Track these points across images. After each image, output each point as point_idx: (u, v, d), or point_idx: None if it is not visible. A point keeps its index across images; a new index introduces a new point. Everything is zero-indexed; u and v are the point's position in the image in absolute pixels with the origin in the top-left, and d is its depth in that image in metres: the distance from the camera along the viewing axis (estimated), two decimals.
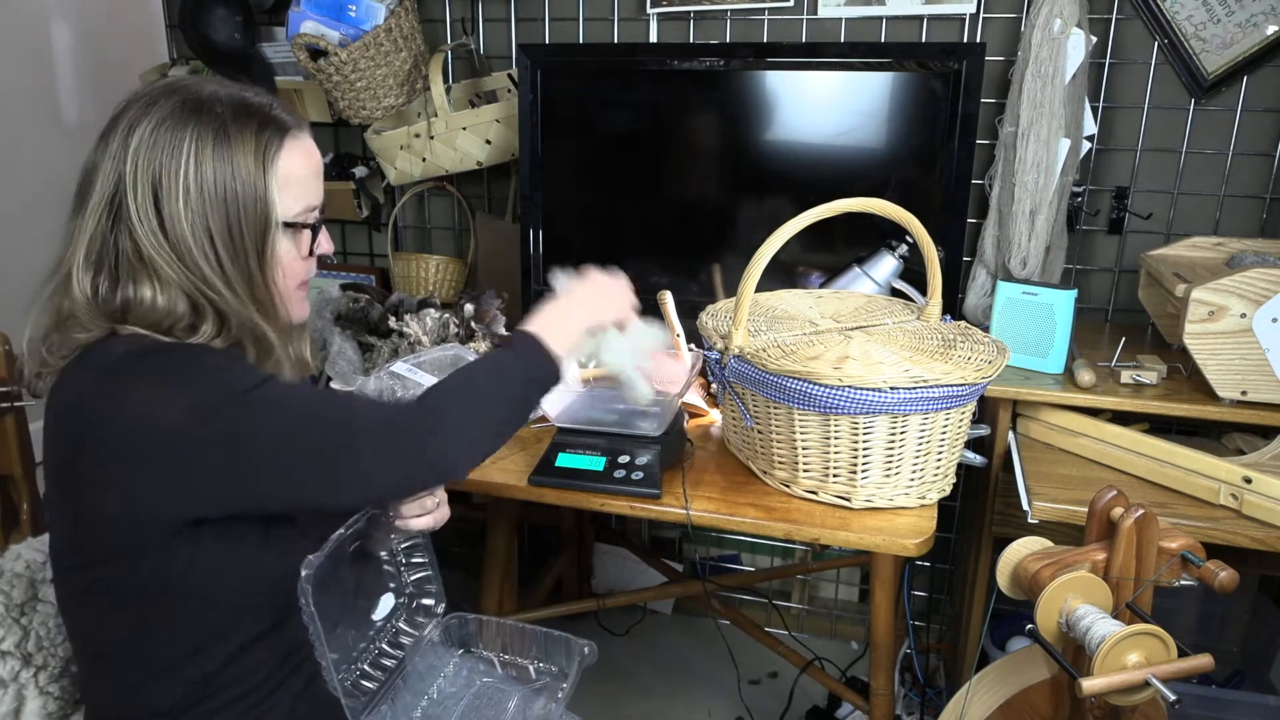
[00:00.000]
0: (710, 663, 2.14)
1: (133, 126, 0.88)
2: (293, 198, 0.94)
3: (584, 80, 1.83)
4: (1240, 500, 1.29)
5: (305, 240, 0.97)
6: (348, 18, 1.88)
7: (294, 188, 0.94)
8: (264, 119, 0.92)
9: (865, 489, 1.23)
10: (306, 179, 0.96)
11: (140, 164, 0.87)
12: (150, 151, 0.87)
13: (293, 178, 0.94)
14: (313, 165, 0.97)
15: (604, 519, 2.29)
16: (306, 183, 0.96)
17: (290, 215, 0.94)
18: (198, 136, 0.88)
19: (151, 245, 0.87)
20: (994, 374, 1.19)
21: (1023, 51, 1.67)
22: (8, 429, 1.47)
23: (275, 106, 0.95)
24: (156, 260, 0.88)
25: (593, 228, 1.90)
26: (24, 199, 2.07)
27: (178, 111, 0.88)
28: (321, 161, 1.00)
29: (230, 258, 0.90)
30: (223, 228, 0.89)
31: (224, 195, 0.89)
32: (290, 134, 0.94)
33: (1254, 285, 1.34)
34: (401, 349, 1.65)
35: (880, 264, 1.68)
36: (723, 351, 1.29)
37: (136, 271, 0.88)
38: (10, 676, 1.02)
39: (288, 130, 0.94)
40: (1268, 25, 1.67)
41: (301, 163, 0.95)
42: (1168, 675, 0.92)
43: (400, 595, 1.11)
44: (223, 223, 0.89)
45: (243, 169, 0.89)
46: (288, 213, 0.94)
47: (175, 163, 0.87)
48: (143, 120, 0.88)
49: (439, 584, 1.13)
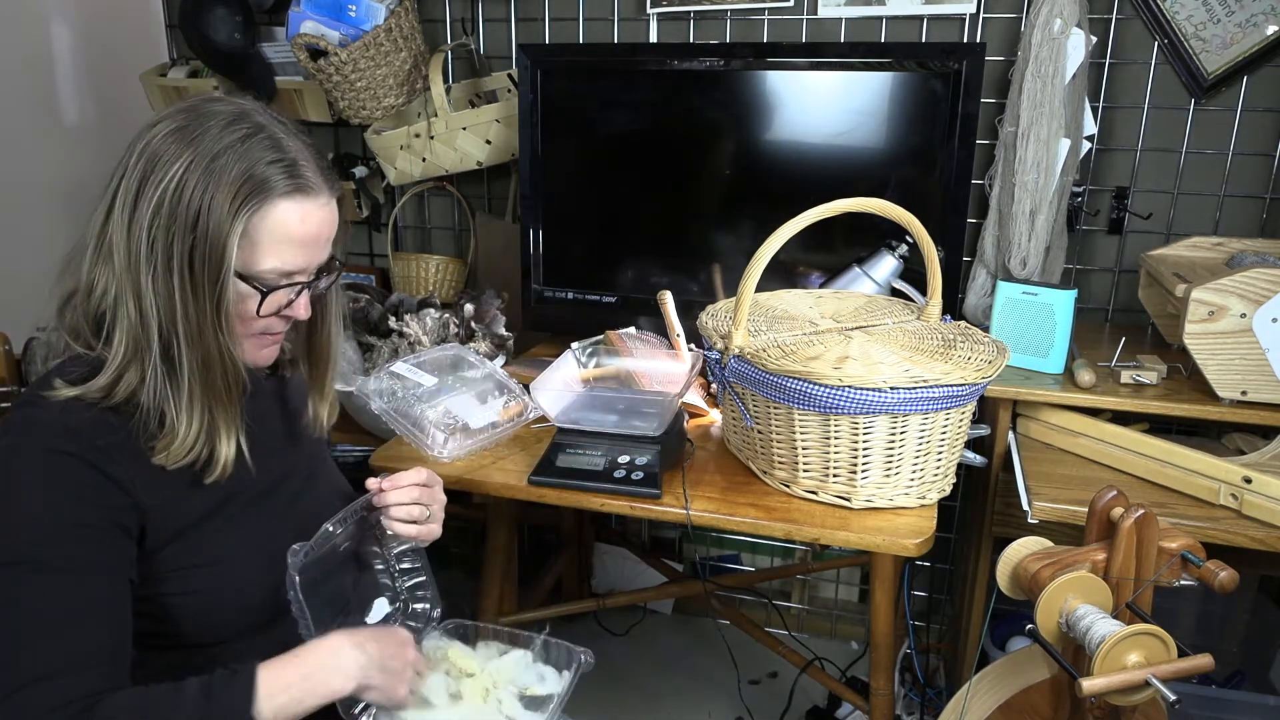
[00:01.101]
0: (710, 663, 2.14)
1: (154, 125, 0.90)
2: (264, 255, 0.90)
3: (584, 80, 1.83)
4: (1240, 500, 1.29)
5: (273, 301, 0.93)
6: (348, 18, 1.88)
7: (270, 246, 0.90)
8: (282, 167, 0.89)
9: (865, 489, 1.23)
10: (291, 243, 0.91)
11: (143, 158, 0.88)
12: (158, 146, 0.88)
13: (276, 236, 0.90)
14: (307, 232, 0.92)
15: (604, 519, 2.29)
16: (289, 247, 0.91)
17: (251, 270, 0.90)
18: (194, 157, 0.87)
19: (120, 235, 0.88)
20: (994, 374, 1.19)
21: (1023, 51, 1.67)
22: None
23: (303, 165, 0.91)
24: (117, 241, 0.88)
25: (593, 227, 1.90)
26: (23, 199, 2.07)
27: (207, 129, 0.88)
28: (330, 233, 0.96)
29: (180, 281, 0.87)
30: (182, 247, 0.87)
31: (190, 222, 0.87)
32: (299, 195, 0.90)
33: (1254, 285, 1.34)
34: (401, 349, 1.65)
35: (880, 264, 1.68)
36: (723, 351, 1.29)
37: (100, 258, 0.90)
38: None
39: (298, 190, 0.90)
40: (1268, 25, 1.67)
41: (294, 225, 0.91)
42: (1168, 675, 0.92)
43: (395, 601, 1.11)
44: (183, 243, 0.87)
45: (219, 206, 0.87)
46: (248, 267, 0.90)
47: (162, 171, 0.87)
48: (160, 125, 0.89)
49: (433, 589, 1.13)
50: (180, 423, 0.90)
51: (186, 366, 0.89)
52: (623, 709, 1.99)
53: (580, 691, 1.10)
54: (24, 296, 0.93)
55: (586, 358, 1.50)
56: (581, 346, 1.50)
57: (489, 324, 1.79)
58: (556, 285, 1.92)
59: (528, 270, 1.92)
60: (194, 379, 0.90)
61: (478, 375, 1.49)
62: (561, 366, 1.44)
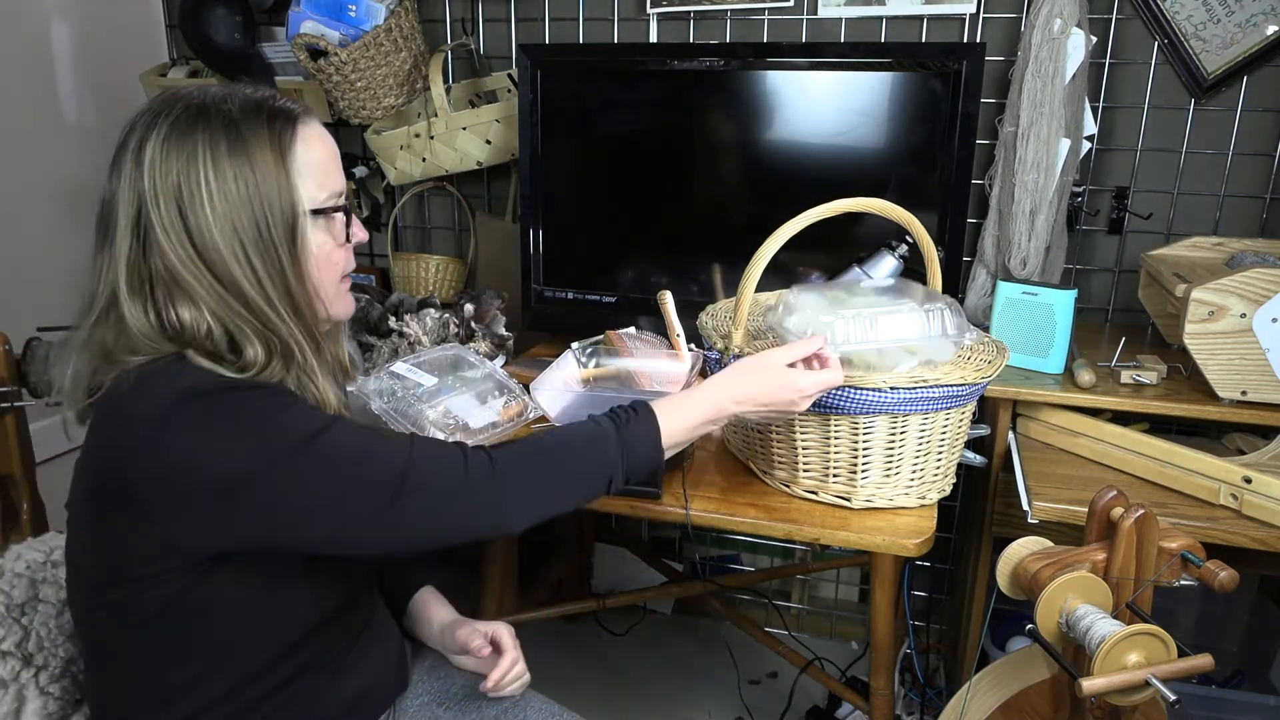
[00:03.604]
0: (710, 663, 2.14)
1: (142, 144, 0.86)
2: (316, 185, 0.92)
3: (584, 80, 1.83)
4: (1240, 500, 1.29)
5: (339, 225, 0.95)
6: (348, 18, 1.88)
7: (315, 174, 0.92)
8: (272, 111, 0.90)
9: (865, 489, 1.23)
10: (326, 164, 0.94)
11: (158, 179, 0.85)
12: (165, 164, 0.85)
13: (312, 164, 0.92)
14: (329, 151, 0.95)
15: (604, 519, 2.29)
16: (327, 168, 0.94)
17: (317, 203, 0.92)
18: (210, 141, 0.86)
19: (181, 259, 0.86)
20: (994, 374, 1.19)
21: (1023, 51, 1.67)
22: (8, 429, 1.47)
23: (279, 98, 0.93)
24: (186, 276, 0.86)
25: (593, 227, 1.90)
26: (23, 199, 2.07)
27: (184, 120, 0.87)
28: (337, 148, 0.98)
29: (262, 259, 0.88)
30: (250, 227, 0.87)
31: (247, 194, 0.87)
32: (301, 122, 0.92)
33: (1254, 285, 1.34)
34: (401, 349, 1.65)
35: (880, 264, 1.67)
36: (723, 351, 1.29)
37: (172, 291, 0.86)
38: (10, 676, 1.02)
39: (297, 118, 0.92)
40: (1268, 25, 1.67)
41: (318, 149, 0.93)
42: (1168, 675, 0.92)
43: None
44: (250, 223, 0.87)
45: (261, 164, 0.87)
46: (313, 200, 0.92)
47: (193, 170, 0.85)
48: (151, 136, 0.86)
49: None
50: (323, 394, 0.93)
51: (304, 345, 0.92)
52: (623, 709, 1.99)
53: (581, 691, 1.10)
54: (24, 296, 0.93)
55: (586, 358, 1.49)
56: (581, 346, 1.50)
57: (489, 324, 1.78)
58: (556, 285, 1.92)
59: (528, 270, 1.92)
60: (308, 352, 0.92)
61: (478, 375, 1.49)
62: (561, 366, 1.44)
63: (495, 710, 1.13)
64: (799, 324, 1.20)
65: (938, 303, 1.20)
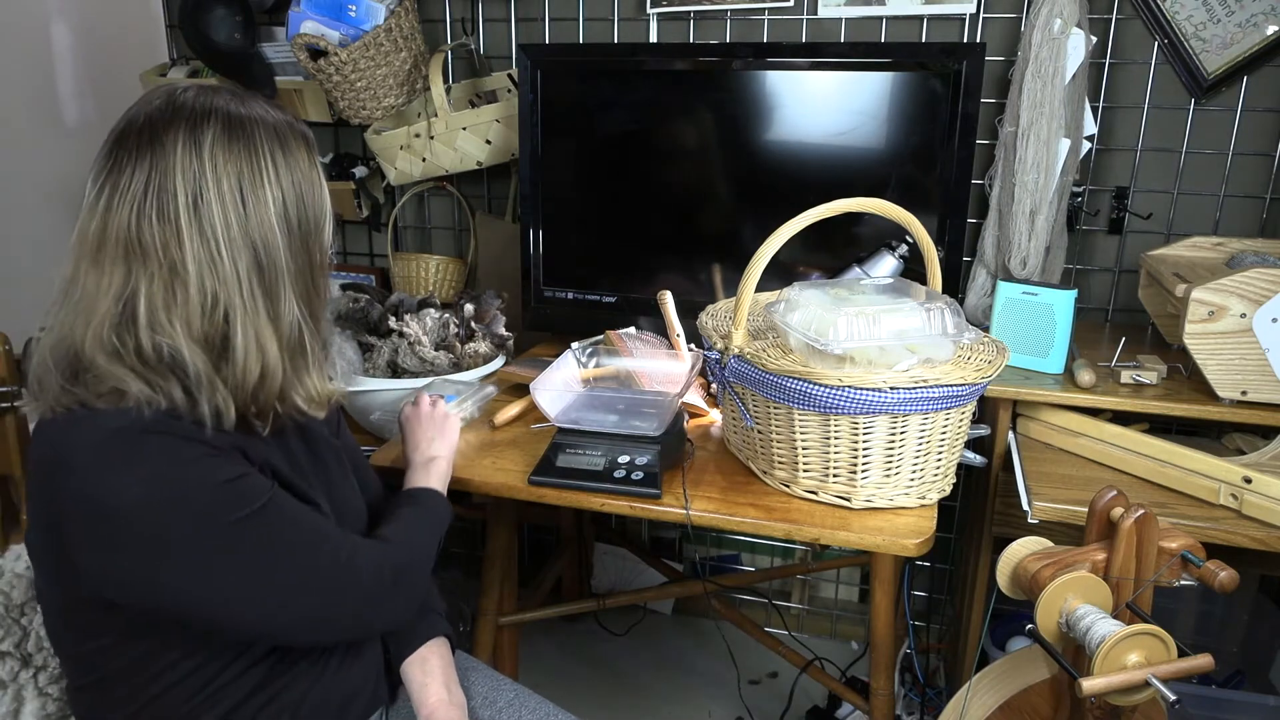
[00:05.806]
0: (710, 663, 2.14)
1: (198, 141, 0.86)
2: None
3: (584, 80, 1.83)
4: (1240, 500, 1.29)
5: (330, 235, 1.01)
6: (348, 18, 1.88)
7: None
8: (300, 129, 0.95)
9: (865, 489, 1.23)
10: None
11: (221, 166, 0.86)
12: (229, 156, 0.87)
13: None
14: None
15: (604, 519, 2.29)
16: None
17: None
18: (267, 148, 0.90)
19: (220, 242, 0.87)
20: (994, 374, 1.19)
21: (1023, 51, 1.67)
22: (8, 429, 1.47)
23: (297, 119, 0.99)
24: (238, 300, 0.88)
25: (593, 228, 1.90)
26: (23, 199, 2.07)
27: (229, 129, 0.88)
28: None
29: (299, 252, 0.92)
30: (296, 223, 0.91)
31: (299, 196, 0.91)
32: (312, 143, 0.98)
33: (1254, 285, 1.34)
34: (401, 349, 1.65)
35: (880, 264, 1.68)
36: (723, 351, 1.29)
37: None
38: (10, 677, 1.02)
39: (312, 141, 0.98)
40: (1268, 25, 1.67)
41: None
42: (1168, 675, 0.92)
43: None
44: (296, 218, 0.91)
45: (305, 171, 0.93)
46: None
47: (254, 165, 0.88)
48: (204, 133, 0.87)
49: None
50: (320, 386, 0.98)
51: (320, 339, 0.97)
52: (623, 709, 1.99)
53: (580, 691, 1.10)
54: (24, 296, 0.93)
55: (586, 358, 1.50)
56: (581, 346, 1.50)
57: (489, 324, 1.78)
58: (556, 285, 1.92)
59: (528, 270, 1.92)
60: (321, 348, 0.97)
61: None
62: (561, 366, 1.44)
63: (489, 713, 1.13)
64: (801, 320, 1.20)
65: (938, 302, 1.20)
